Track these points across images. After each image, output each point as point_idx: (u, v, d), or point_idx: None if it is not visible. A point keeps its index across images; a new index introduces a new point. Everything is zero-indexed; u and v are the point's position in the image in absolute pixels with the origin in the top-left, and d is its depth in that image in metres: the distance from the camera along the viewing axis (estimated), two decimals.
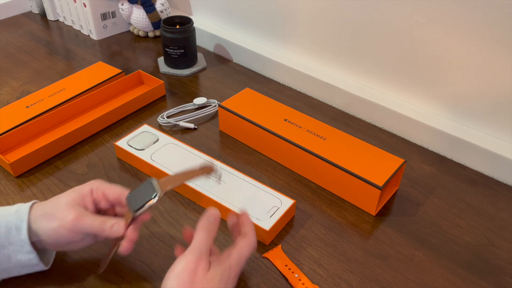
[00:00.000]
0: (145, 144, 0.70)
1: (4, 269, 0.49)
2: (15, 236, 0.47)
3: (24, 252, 0.48)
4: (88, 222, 0.48)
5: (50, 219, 0.48)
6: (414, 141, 0.78)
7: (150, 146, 0.70)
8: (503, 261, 0.57)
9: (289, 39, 0.92)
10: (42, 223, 0.48)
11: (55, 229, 0.47)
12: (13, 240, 0.47)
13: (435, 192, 0.67)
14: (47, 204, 0.50)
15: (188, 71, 0.95)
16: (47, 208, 0.49)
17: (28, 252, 0.48)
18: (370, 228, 0.61)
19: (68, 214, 0.48)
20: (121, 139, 0.71)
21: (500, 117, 0.69)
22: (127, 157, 0.70)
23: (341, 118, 0.83)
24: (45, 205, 0.49)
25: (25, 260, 0.48)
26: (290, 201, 0.61)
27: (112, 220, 0.49)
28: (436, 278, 0.55)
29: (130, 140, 0.71)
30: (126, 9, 1.05)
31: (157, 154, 0.68)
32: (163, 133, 0.72)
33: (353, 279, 0.54)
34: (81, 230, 0.48)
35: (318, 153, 0.65)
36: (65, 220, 0.47)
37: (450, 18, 0.67)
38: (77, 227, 0.48)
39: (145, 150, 0.69)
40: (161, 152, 0.69)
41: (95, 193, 0.51)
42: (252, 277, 0.54)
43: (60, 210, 0.48)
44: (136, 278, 0.54)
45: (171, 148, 0.69)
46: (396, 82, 0.79)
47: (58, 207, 0.48)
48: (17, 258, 0.48)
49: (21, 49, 1.03)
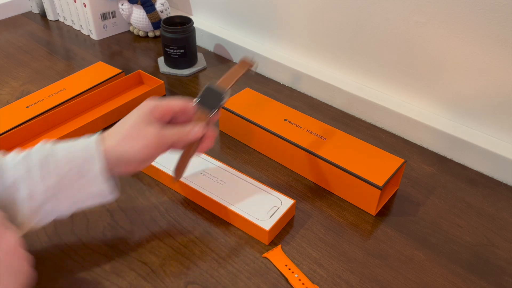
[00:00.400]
0: None
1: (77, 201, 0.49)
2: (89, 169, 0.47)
3: (98, 183, 0.48)
4: (169, 133, 0.50)
5: (133, 140, 0.49)
6: (414, 141, 0.78)
7: None
8: (503, 261, 0.57)
9: (289, 39, 0.92)
10: (125, 147, 0.48)
11: (141, 149, 0.48)
12: (86, 173, 0.47)
13: (435, 192, 0.67)
14: (120, 129, 0.50)
15: (188, 71, 0.95)
16: (123, 131, 0.49)
17: (102, 182, 0.48)
18: (370, 228, 0.61)
19: (148, 131, 0.49)
20: None
21: (500, 117, 0.69)
22: None
23: (341, 118, 0.83)
24: (119, 131, 0.50)
25: (98, 191, 0.49)
26: (290, 201, 0.61)
27: (188, 126, 0.52)
28: (436, 278, 0.55)
29: None
30: (126, 9, 1.06)
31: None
32: None
33: (353, 279, 0.54)
34: (166, 143, 0.50)
35: (318, 153, 0.65)
36: (149, 138, 0.49)
37: (450, 18, 0.67)
38: (161, 140, 0.49)
39: None
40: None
41: (160, 108, 0.51)
42: (252, 277, 0.54)
43: (139, 130, 0.49)
44: (136, 278, 0.54)
45: None
46: (396, 82, 0.79)
47: (135, 128, 0.49)
48: (90, 190, 0.48)
49: (21, 49, 1.03)
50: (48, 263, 0.55)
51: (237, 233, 0.60)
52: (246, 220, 0.58)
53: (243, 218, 0.58)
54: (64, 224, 0.60)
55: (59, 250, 0.57)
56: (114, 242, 0.58)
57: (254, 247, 0.58)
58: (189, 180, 0.63)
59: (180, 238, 0.59)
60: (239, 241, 0.59)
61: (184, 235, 0.59)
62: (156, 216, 0.62)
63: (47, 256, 0.56)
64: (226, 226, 0.60)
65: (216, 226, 0.60)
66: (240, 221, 0.59)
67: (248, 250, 0.57)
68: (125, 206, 0.63)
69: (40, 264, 0.55)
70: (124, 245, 0.57)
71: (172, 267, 0.55)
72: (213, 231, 0.60)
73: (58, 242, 0.58)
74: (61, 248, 0.57)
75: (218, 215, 0.62)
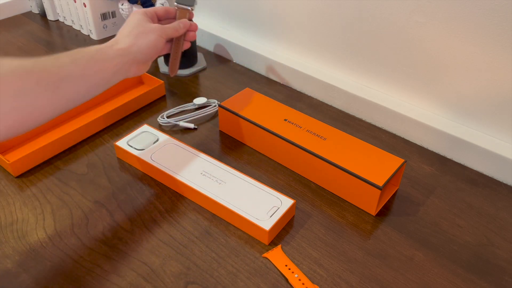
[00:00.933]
0: (145, 144, 0.70)
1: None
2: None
3: None
4: (167, 27, 0.59)
5: (147, 34, 0.56)
6: (414, 141, 0.78)
7: (150, 146, 0.70)
8: (503, 261, 0.57)
9: (289, 39, 0.92)
10: (142, 40, 0.56)
11: (154, 41, 0.57)
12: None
13: (435, 192, 0.67)
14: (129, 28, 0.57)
15: (188, 71, 0.95)
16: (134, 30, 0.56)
17: None
18: (370, 228, 0.61)
19: (155, 27, 0.58)
20: (121, 139, 0.71)
21: (500, 117, 0.69)
22: (127, 157, 0.70)
23: (341, 118, 0.83)
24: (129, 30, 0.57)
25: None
26: (290, 201, 0.61)
27: (174, 23, 0.61)
28: (436, 278, 0.55)
29: (130, 140, 0.71)
30: (126, 9, 1.05)
31: (157, 154, 0.68)
32: (163, 133, 0.72)
33: (353, 279, 0.54)
34: (166, 35, 0.59)
35: (318, 153, 0.65)
36: (158, 31, 0.57)
37: (450, 18, 0.67)
38: (165, 33, 0.58)
39: (145, 150, 0.69)
40: (161, 152, 0.69)
41: (149, 13, 0.60)
42: (252, 277, 0.54)
43: (148, 26, 0.57)
44: (136, 278, 0.54)
45: (171, 148, 0.69)
46: (396, 82, 0.79)
47: (144, 26, 0.57)
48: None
49: (21, 49, 1.03)
50: (48, 263, 0.55)
51: (237, 233, 0.60)
52: (246, 220, 0.58)
53: (243, 218, 0.58)
54: (64, 224, 0.60)
55: (59, 250, 0.57)
56: (114, 242, 0.58)
57: (254, 247, 0.58)
58: (189, 180, 0.63)
59: (180, 238, 0.59)
60: (239, 241, 0.59)
61: (184, 235, 0.59)
62: (156, 216, 0.62)
63: (47, 256, 0.56)
64: (226, 226, 0.60)
65: (216, 226, 0.60)
66: (240, 221, 0.59)
67: (248, 250, 0.57)
68: (125, 206, 0.63)
69: (40, 264, 0.55)
70: (124, 245, 0.57)
71: (172, 267, 0.55)
72: (213, 231, 0.60)
73: (58, 242, 0.58)
74: (61, 248, 0.57)
75: (218, 215, 0.62)
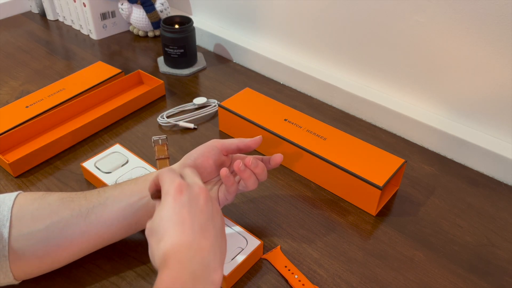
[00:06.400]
0: (112, 166, 0.65)
1: None
2: None
3: None
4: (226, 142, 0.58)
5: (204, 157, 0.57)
6: (414, 141, 0.77)
7: (118, 169, 0.65)
8: (503, 261, 0.57)
9: (289, 39, 0.92)
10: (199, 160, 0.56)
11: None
12: None
13: (436, 192, 0.67)
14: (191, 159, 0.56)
15: (188, 71, 0.95)
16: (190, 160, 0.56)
17: None
18: (370, 228, 0.61)
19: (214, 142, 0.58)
20: (90, 159, 0.67)
21: (500, 117, 0.69)
22: (93, 179, 0.66)
23: (341, 118, 0.83)
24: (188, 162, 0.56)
25: None
26: (256, 242, 0.55)
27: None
28: (436, 278, 0.55)
29: (97, 162, 0.66)
30: (126, 9, 1.05)
31: (123, 179, 0.63)
32: (134, 155, 0.68)
33: (353, 279, 0.54)
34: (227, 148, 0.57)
35: (318, 153, 0.65)
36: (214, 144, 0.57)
37: (450, 18, 0.67)
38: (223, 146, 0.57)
39: (111, 173, 0.65)
40: (128, 176, 0.63)
41: None
42: (252, 278, 0.54)
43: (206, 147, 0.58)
44: (136, 278, 0.53)
45: (139, 172, 0.64)
46: (396, 82, 0.79)
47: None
48: None
49: (21, 48, 1.03)
50: None
51: None
52: None
53: None
54: None
55: None
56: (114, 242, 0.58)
57: None
58: None
59: None
60: None
61: None
62: None
63: None
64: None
65: None
66: None
67: None
68: None
69: None
70: (124, 245, 0.57)
71: None
72: None
73: None
74: None
75: None
